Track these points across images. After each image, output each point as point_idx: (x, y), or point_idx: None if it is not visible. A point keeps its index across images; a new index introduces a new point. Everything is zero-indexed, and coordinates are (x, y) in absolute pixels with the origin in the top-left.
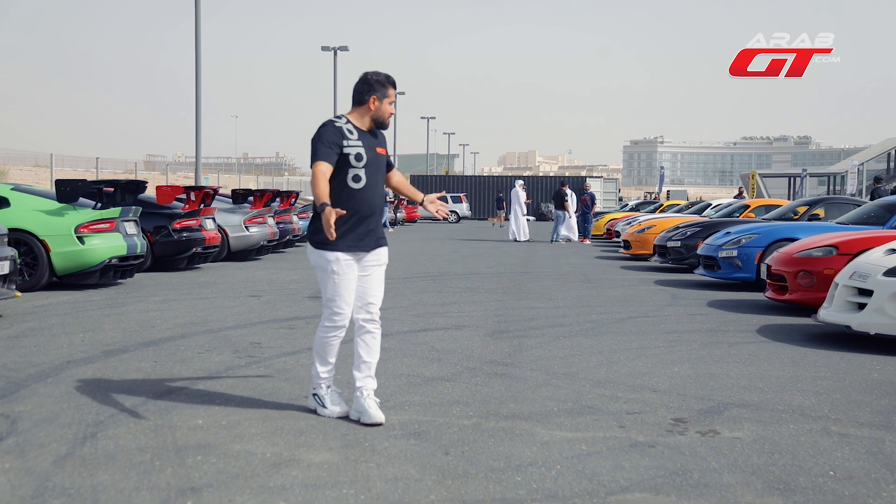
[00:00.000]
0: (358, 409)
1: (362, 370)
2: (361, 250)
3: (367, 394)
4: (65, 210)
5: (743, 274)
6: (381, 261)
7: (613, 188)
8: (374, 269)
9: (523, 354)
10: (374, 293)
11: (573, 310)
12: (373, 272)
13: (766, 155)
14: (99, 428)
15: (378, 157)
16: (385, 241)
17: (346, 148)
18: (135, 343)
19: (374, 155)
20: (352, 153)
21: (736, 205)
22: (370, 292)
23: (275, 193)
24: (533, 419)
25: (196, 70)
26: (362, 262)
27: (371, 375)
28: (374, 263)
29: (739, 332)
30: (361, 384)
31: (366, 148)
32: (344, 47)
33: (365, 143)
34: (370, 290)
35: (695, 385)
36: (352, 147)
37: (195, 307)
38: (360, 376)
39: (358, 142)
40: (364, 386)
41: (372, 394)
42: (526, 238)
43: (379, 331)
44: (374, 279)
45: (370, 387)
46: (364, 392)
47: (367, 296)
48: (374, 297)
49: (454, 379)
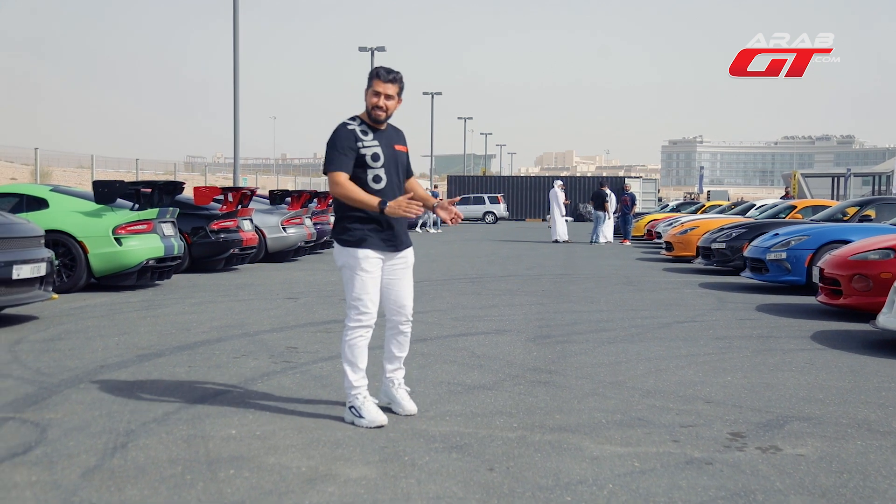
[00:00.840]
0: (388, 396)
1: (393, 363)
2: (389, 250)
3: (399, 383)
4: (103, 211)
5: (792, 277)
6: (408, 262)
7: (653, 188)
8: (402, 271)
9: (567, 361)
10: (407, 294)
11: (617, 314)
12: (402, 275)
13: (808, 154)
14: (130, 437)
15: (397, 154)
16: (410, 242)
17: (363, 149)
18: (170, 347)
19: (393, 153)
20: (368, 154)
21: (782, 205)
22: (403, 294)
23: (312, 194)
24: (581, 432)
25: (234, 72)
26: (389, 264)
27: (401, 367)
28: (402, 265)
29: (793, 339)
30: (391, 375)
31: (383, 147)
32: (381, 48)
33: (382, 142)
34: (402, 291)
35: (750, 396)
36: (367, 148)
37: (231, 309)
38: (390, 367)
39: (374, 142)
40: (394, 377)
41: (403, 383)
42: (564, 239)
43: (410, 328)
44: (405, 281)
45: (400, 376)
46: (395, 381)
47: (400, 298)
48: (408, 299)
49: (496, 387)
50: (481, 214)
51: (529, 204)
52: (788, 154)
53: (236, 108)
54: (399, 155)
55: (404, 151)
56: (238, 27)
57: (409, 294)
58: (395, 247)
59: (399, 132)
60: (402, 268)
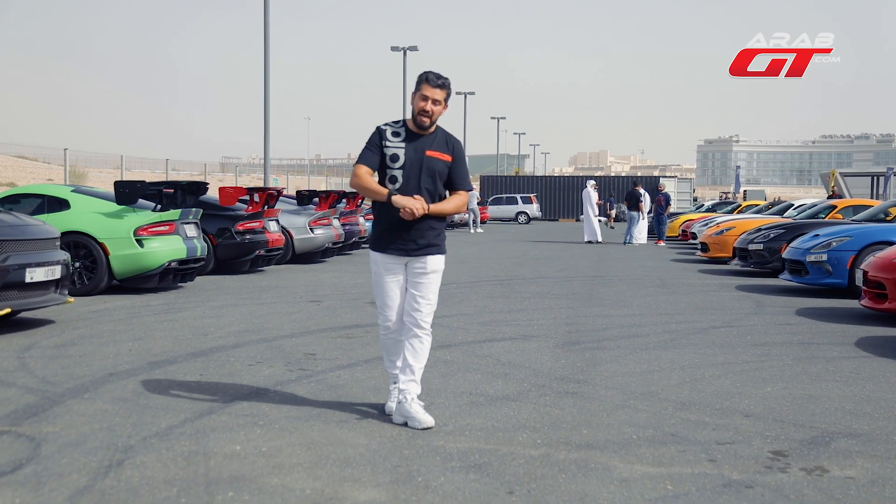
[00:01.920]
0: (403, 413)
1: (406, 373)
2: (404, 254)
3: (411, 398)
4: (124, 212)
5: (833, 280)
6: (427, 269)
7: (688, 188)
8: (421, 276)
9: (597, 370)
10: (421, 301)
11: (650, 318)
12: (421, 280)
13: (846, 153)
14: (127, 454)
15: (427, 160)
16: (437, 250)
17: (385, 149)
18: (184, 353)
19: (420, 157)
20: (388, 154)
21: (821, 205)
22: (417, 299)
23: (340, 195)
24: (609, 449)
25: (265, 72)
26: (410, 269)
27: (415, 380)
28: (420, 271)
29: (836, 346)
30: (405, 387)
31: (408, 150)
32: (413, 47)
33: (410, 146)
34: (417, 297)
35: (792, 409)
36: (389, 148)
37: (252, 313)
38: (403, 379)
39: (400, 144)
40: (407, 390)
41: (416, 398)
42: (598, 239)
43: (427, 338)
44: (423, 288)
45: (413, 391)
46: (408, 396)
47: (413, 302)
48: (421, 306)
49: (521, 398)
50: (514, 215)
51: (562, 204)
52: (826, 153)
53: (266, 109)
54: (430, 161)
55: (441, 159)
56: (269, 26)
57: (425, 301)
58: (408, 252)
59: (448, 141)
60: (421, 273)
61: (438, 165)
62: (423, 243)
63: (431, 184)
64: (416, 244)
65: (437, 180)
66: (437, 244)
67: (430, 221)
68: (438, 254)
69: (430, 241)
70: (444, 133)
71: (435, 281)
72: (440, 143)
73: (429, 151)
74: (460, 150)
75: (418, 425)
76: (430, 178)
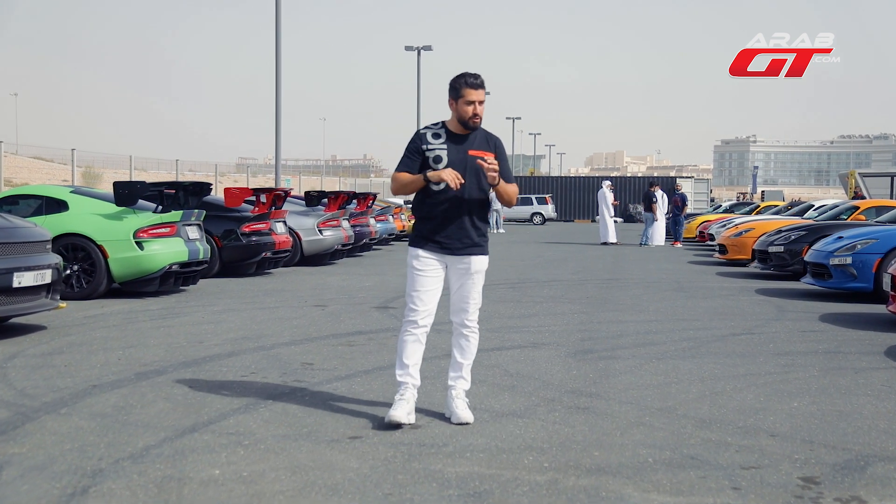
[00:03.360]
0: (448, 407)
1: (454, 369)
2: (446, 253)
3: (457, 394)
4: (124, 214)
5: (858, 284)
6: (471, 269)
7: (705, 189)
8: (464, 276)
9: (610, 382)
10: (467, 300)
11: (667, 324)
12: (464, 280)
13: (865, 154)
14: (95, 480)
15: (469, 159)
16: (479, 250)
17: (427, 152)
18: (175, 362)
19: (462, 157)
20: (431, 156)
21: (843, 206)
22: (464, 299)
23: (350, 195)
24: (623, 475)
25: (276, 73)
26: (453, 268)
27: (463, 376)
28: (464, 270)
29: (864, 355)
30: (452, 383)
31: (450, 150)
32: (427, 47)
33: (452, 146)
34: (464, 296)
35: (822, 427)
36: (431, 150)
37: (253, 318)
38: (452, 375)
39: (442, 145)
40: (454, 385)
41: (462, 394)
42: (613, 240)
43: (475, 336)
44: (468, 287)
45: (461, 387)
46: (454, 392)
47: (460, 302)
48: (468, 304)
49: (528, 414)
50: (529, 215)
51: (578, 205)
52: (845, 153)
53: (278, 109)
54: (473, 160)
55: (480, 156)
56: (280, 25)
57: (471, 300)
58: (451, 250)
59: (489, 140)
60: (464, 273)
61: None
62: (468, 242)
63: (476, 182)
64: (461, 243)
65: (482, 178)
66: (480, 244)
67: (475, 220)
68: (482, 254)
69: (473, 240)
70: (483, 132)
71: (479, 281)
72: (482, 142)
73: (471, 151)
74: (502, 146)
75: (457, 420)
76: (474, 177)
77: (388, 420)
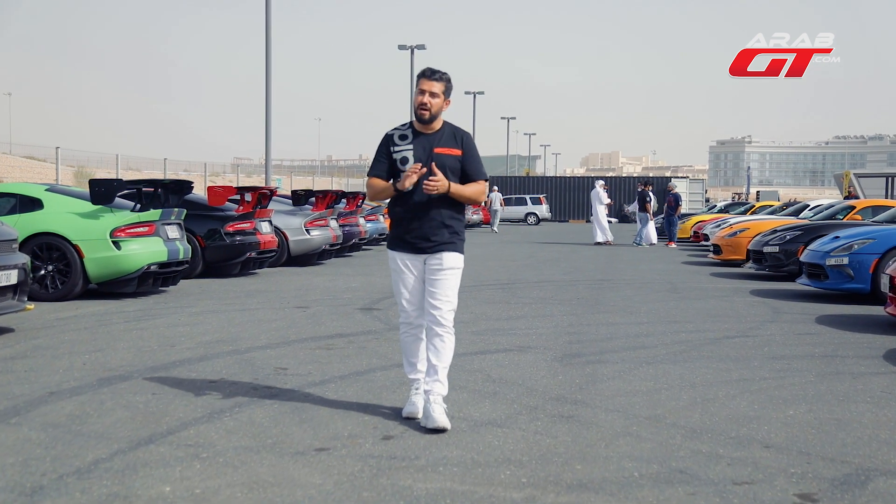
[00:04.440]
0: (424, 411)
1: (429, 374)
2: (419, 252)
3: (434, 399)
4: (101, 213)
5: (855, 285)
6: (444, 265)
7: (700, 189)
8: (437, 272)
9: (597, 388)
10: (438, 297)
11: (658, 326)
12: (437, 276)
13: (859, 154)
14: (34, 498)
15: (438, 157)
16: (453, 247)
17: (394, 154)
18: (142, 367)
19: (428, 155)
20: (398, 158)
21: (838, 206)
22: (434, 296)
23: (339, 194)
24: (606, 491)
25: (266, 70)
26: (427, 266)
27: (439, 380)
28: (437, 267)
29: (862, 359)
30: (428, 388)
31: (417, 150)
32: (421, 45)
33: (418, 146)
34: (434, 293)
35: (819, 437)
36: (398, 152)
37: (231, 321)
38: (427, 380)
39: (408, 146)
40: (431, 390)
41: (440, 399)
42: (607, 241)
43: (449, 336)
44: (439, 285)
45: (437, 391)
46: (431, 397)
47: (431, 298)
48: (438, 302)
49: (508, 423)
50: (523, 215)
51: (572, 205)
52: (840, 154)
53: (268, 107)
54: (439, 158)
55: (451, 154)
56: (270, 23)
57: (442, 297)
58: (422, 249)
59: (456, 135)
60: (437, 269)
61: (449, 161)
62: (439, 241)
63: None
64: (431, 241)
65: (449, 176)
66: (452, 241)
67: (445, 218)
68: (454, 251)
69: (445, 238)
70: (451, 127)
71: (452, 278)
72: (448, 139)
73: (437, 149)
74: (470, 141)
75: (432, 425)
76: (445, 175)
77: (406, 415)
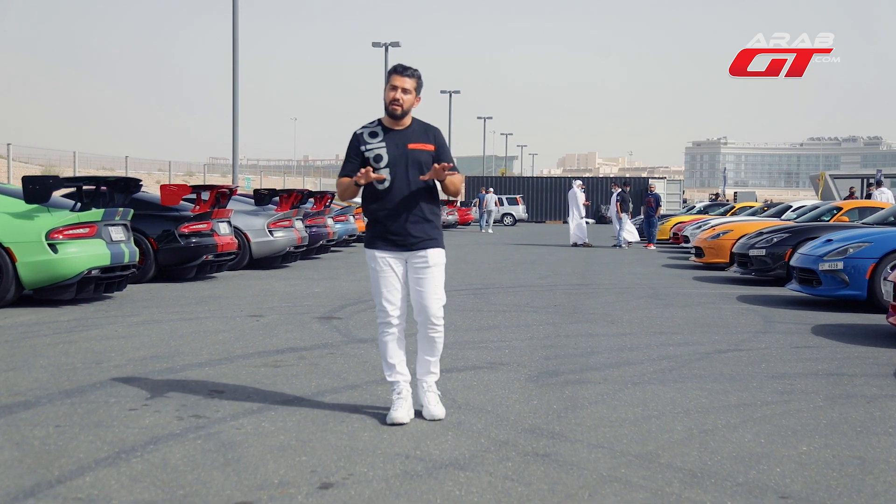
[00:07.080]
0: (420, 401)
1: (422, 365)
2: (401, 249)
3: (428, 386)
4: (36, 213)
5: (850, 291)
6: (429, 262)
7: (677, 189)
8: (422, 270)
9: (577, 415)
10: (428, 296)
11: (642, 338)
12: (423, 275)
13: (833, 156)
14: None
15: (411, 153)
16: (434, 243)
17: (366, 152)
18: (54, 392)
19: (404, 152)
20: (371, 156)
21: (824, 207)
22: (423, 295)
23: (305, 194)
24: None
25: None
26: (411, 264)
27: (432, 370)
28: (422, 265)
29: (872, 378)
30: (421, 377)
31: (389, 147)
32: (395, 43)
33: (390, 143)
34: (423, 293)
35: (843, 483)
36: (370, 150)
37: (173, 332)
38: (420, 370)
39: (380, 143)
40: (424, 379)
41: (434, 386)
42: (584, 242)
43: (440, 334)
44: (426, 282)
45: (432, 381)
46: (424, 385)
47: (421, 299)
48: (429, 300)
49: (473, 465)
50: (499, 216)
51: (549, 205)
52: (814, 155)
53: (235, 106)
54: (414, 154)
55: (425, 150)
56: (237, 20)
57: (432, 295)
58: (406, 246)
59: (427, 131)
60: (423, 267)
61: (423, 157)
62: (422, 236)
63: (420, 175)
64: (414, 237)
65: (424, 171)
66: (434, 237)
67: (426, 213)
68: (437, 247)
69: (427, 233)
70: (421, 124)
71: (438, 274)
72: (420, 134)
73: (411, 144)
74: (441, 136)
75: (429, 416)
76: (417, 171)
77: (390, 422)
